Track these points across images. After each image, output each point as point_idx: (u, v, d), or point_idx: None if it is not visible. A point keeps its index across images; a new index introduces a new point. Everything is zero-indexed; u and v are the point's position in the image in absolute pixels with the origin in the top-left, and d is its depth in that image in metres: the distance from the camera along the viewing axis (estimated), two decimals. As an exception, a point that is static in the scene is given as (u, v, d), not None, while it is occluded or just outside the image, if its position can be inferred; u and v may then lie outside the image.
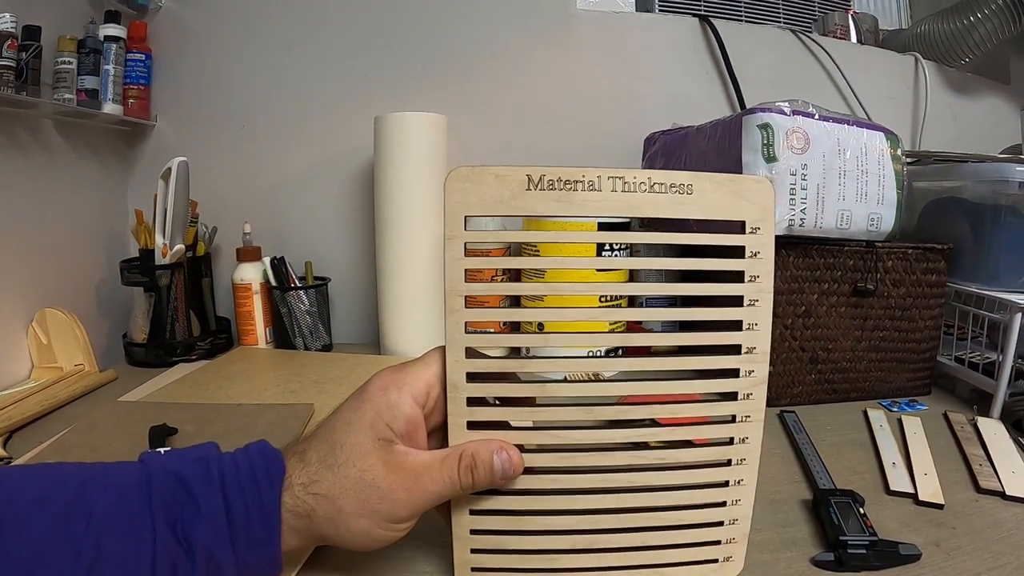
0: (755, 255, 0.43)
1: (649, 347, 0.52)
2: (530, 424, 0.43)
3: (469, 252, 0.40)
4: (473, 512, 0.43)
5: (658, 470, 0.44)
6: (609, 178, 0.40)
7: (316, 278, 1.05)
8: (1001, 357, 0.81)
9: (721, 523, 0.46)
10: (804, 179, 0.76)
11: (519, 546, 0.44)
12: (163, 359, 0.94)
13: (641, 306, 0.87)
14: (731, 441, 0.45)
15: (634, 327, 0.92)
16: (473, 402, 0.41)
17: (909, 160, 1.04)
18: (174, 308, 0.94)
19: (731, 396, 0.44)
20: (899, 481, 0.66)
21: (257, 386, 0.84)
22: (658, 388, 0.45)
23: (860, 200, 0.80)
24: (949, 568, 0.54)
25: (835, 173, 0.78)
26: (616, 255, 0.88)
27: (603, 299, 0.87)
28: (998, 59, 1.40)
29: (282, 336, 1.01)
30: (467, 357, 0.40)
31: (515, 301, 0.59)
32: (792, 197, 0.76)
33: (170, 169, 0.88)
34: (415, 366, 0.40)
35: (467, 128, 1.08)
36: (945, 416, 0.82)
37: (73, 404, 0.81)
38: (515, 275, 0.76)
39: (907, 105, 1.33)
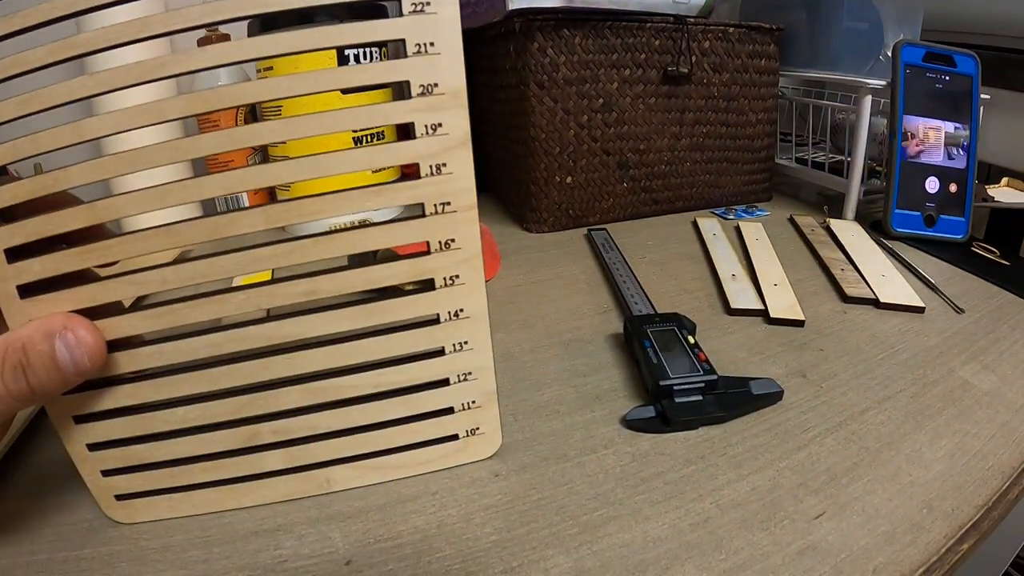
0: None
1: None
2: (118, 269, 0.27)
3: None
4: (80, 419, 0.29)
5: (319, 311, 0.28)
6: None
7: None
8: (851, 152, 0.65)
9: (446, 381, 0.30)
10: None
11: (160, 456, 0.30)
12: None
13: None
14: (427, 249, 0.27)
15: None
16: (18, 254, 0.25)
17: None
18: None
19: (412, 172, 0.27)
20: (742, 296, 0.46)
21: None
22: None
23: None
24: (824, 406, 0.36)
25: None
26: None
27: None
28: None
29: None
30: None
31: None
32: None
33: None
34: None
35: None
36: (792, 220, 0.65)
37: None
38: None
39: None
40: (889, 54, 0.70)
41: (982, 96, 0.65)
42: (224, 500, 0.30)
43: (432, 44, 0.24)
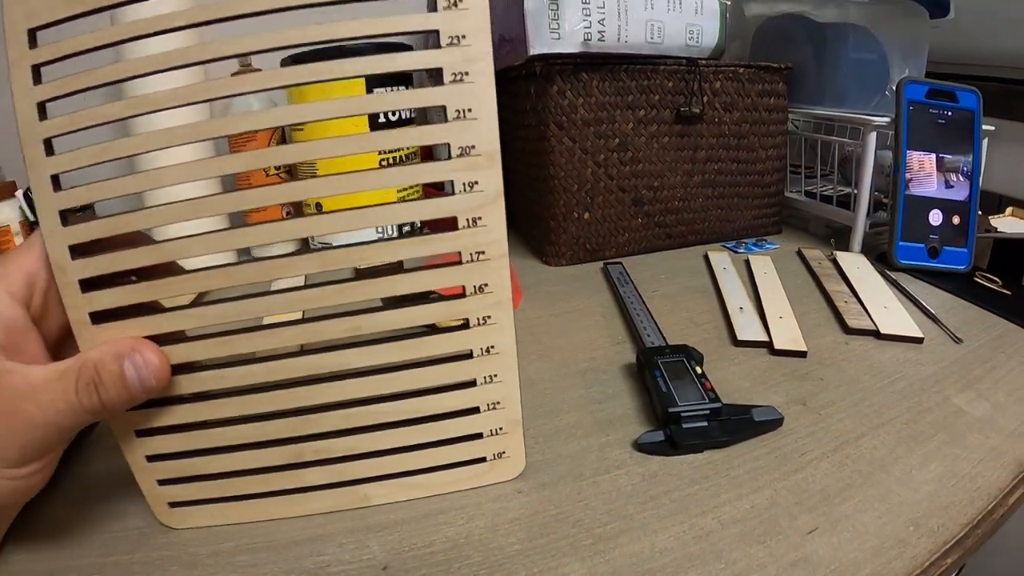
0: (454, 4, 0.27)
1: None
2: (183, 302, 0.31)
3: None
4: (141, 433, 0.32)
5: (363, 344, 0.31)
6: None
7: (84, 204, 0.78)
8: (857, 186, 0.68)
9: (477, 409, 0.33)
10: None
11: (213, 468, 0.33)
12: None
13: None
14: (463, 293, 0.31)
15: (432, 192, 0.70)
16: (92, 285, 0.29)
17: None
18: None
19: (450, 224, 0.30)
20: (748, 329, 0.49)
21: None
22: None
23: (673, 9, 0.65)
24: (822, 432, 0.38)
25: None
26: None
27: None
28: None
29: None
30: (65, 224, 0.28)
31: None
32: (585, 5, 0.61)
33: None
34: (14, 252, 0.31)
35: None
36: (800, 254, 0.68)
37: None
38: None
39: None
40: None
41: (988, 127, 0.68)
42: (270, 510, 0.33)
43: (470, 110, 0.28)
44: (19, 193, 0.85)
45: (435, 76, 0.28)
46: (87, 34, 0.26)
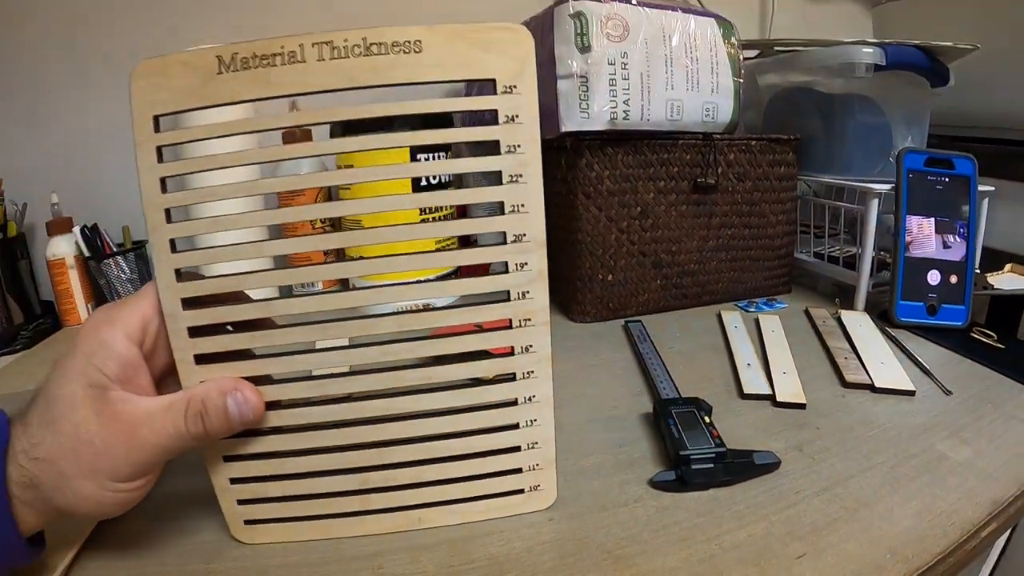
0: (512, 119, 0.34)
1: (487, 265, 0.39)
2: (275, 350, 0.36)
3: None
4: (228, 459, 0.37)
5: (427, 392, 0.37)
6: (314, 45, 0.32)
7: (135, 242, 0.93)
8: (861, 248, 0.73)
9: (518, 448, 0.39)
10: (625, 68, 0.68)
11: (289, 492, 0.38)
12: (-22, 353, 0.81)
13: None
14: (512, 351, 0.37)
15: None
16: (197, 332, 0.35)
17: (751, 54, 0.97)
18: (-13, 296, 0.81)
19: (503, 296, 0.36)
20: (754, 383, 0.55)
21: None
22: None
23: (692, 89, 0.72)
24: (815, 474, 0.43)
25: (660, 61, 0.70)
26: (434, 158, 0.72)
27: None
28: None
29: (105, 310, 0.85)
30: (179, 280, 0.34)
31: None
32: (612, 88, 0.68)
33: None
34: (130, 299, 0.36)
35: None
36: (806, 312, 0.74)
37: None
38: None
39: (754, 9, 1.26)
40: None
41: (987, 188, 0.73)
42: (335, 529, 0.38)
43: (523, 206, 0.35)
44: (76, 229, 0.89)
45: (490, 176, 0.35)
46: (199, 126, 0.33)
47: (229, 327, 0.36)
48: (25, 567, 0.35)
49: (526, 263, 0.35)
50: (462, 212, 0.84)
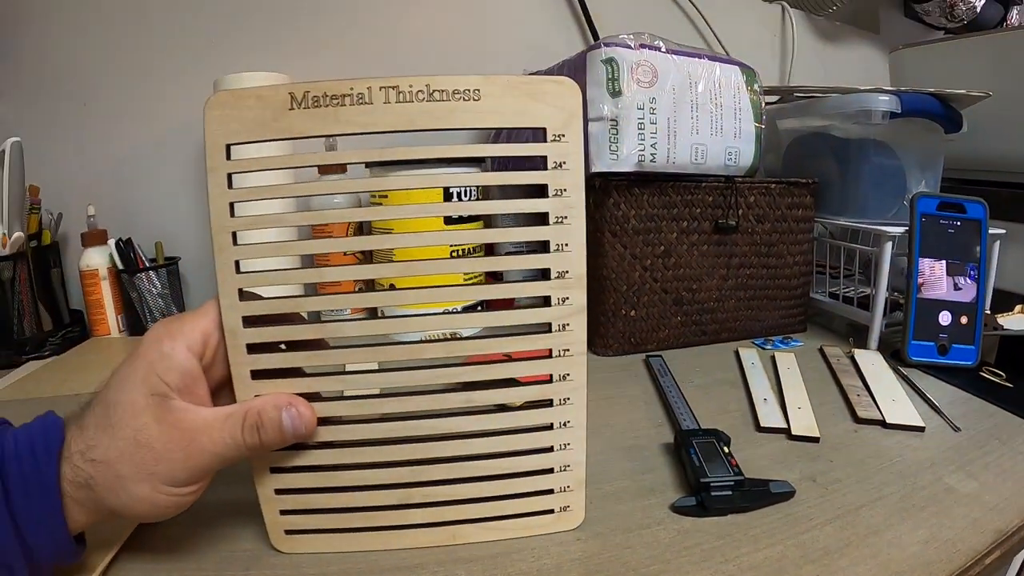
0: (560, 166, 0.37)
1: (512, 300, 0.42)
2: (326, 370, 0.39)
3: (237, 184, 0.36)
4: (275, 470, 0.39)
5: (469, 414, 0.40)
6: (381, 88, 0.35)
7: (167, 258, 0.95)
8: (875, 289, 0.76)
9: (551, 470, 0.42)
10: (653, 113, 0.72)
11: (331, 504, 0.40)
12: (10, 358, 0.84)
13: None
14: (550, 379, 0.40)
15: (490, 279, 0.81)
16: (255, 349, 0.37)
17: (772, 100, 1.01)
18: (20, 302, 0.85)
19: (544, 328, 0.39)
20: (770, 417, 0.58)
21: (104, 376, 0.72)
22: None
23: (716, 134, 0.76)
24: (827, 503, 0.46)
25: (687, 107, 0.74)
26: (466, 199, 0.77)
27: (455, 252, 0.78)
28: (867, 8, 1.39)
29: (135, 323, 0.92)
30: (241, 299, 0.36)
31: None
32: (641, 131, 0.72)
33: (2, 151, 0.77)
34: (192, 314, 0.37)
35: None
36: (821, 351, 0.77)
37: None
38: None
39: (775, 54, 1.30)
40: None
41: (998, 231, 0.75)
42: (374, 542, 0.40)
43: (567, 245, 0.38)
44: (111, 242, 0.90)
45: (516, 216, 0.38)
46: (271, 157, 0.36)
47: (283, 346, 0.38)
48: (66, 566, 0.36)
49: (567, 298, 0.38)
50: (489, 250, 0.89)
